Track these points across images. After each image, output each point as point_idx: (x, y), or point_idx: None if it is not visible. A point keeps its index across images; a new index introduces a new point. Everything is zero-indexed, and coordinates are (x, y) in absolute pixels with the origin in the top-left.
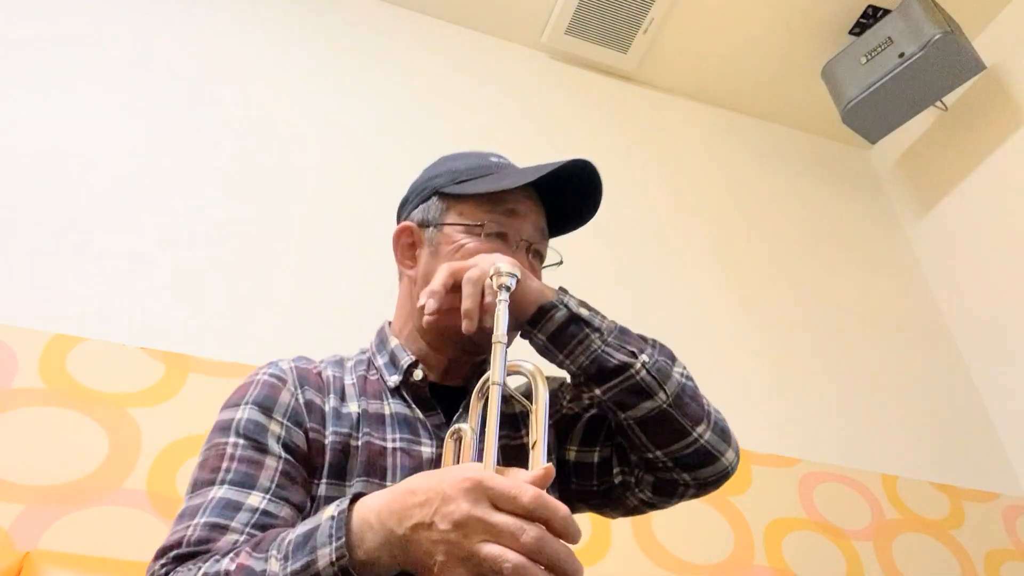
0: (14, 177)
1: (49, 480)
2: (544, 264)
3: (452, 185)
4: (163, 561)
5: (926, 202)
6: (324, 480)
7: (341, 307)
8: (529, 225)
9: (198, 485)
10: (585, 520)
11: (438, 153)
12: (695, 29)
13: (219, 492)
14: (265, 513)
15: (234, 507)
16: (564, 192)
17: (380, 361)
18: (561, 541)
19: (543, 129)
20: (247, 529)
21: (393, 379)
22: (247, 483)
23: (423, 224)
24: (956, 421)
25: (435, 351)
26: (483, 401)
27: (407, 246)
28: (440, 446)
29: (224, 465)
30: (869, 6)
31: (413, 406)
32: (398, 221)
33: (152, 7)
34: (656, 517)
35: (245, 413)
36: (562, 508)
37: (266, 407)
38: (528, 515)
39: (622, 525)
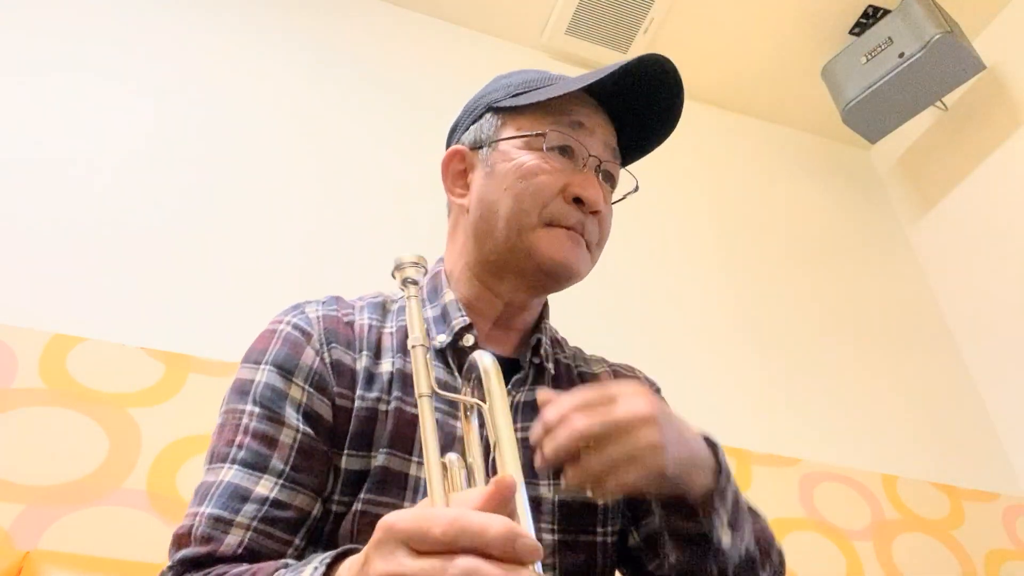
0: (14, 177)
1: (49, 480)
2: (615, 200)
3: (508, 99)
4: (170, 563)
5: (926, 202)
6: (346, 451)
7: None
8: (598, 141)
9: (214, 457)
10: None
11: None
12: (695, 29)
13: (229, 474)
14: (275, 504)
15: (241, 497)
16: (633, 110)
17: (430, 313)
18: (506, 566)
19: None
20: (253, 524)
21: (440, 339)
22: (258, 465)
23: (476, 145)
24: (956, 421)
25: (491, 292)
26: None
27: (458, 173)
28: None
29: (238, 439)
30: (869, 6)
31: (456, 373)
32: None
33: (154, 7)
34: None
35: (263, 376)
36: (497, 524)
37: (286, 369)
38: (450, 549)
39: None
